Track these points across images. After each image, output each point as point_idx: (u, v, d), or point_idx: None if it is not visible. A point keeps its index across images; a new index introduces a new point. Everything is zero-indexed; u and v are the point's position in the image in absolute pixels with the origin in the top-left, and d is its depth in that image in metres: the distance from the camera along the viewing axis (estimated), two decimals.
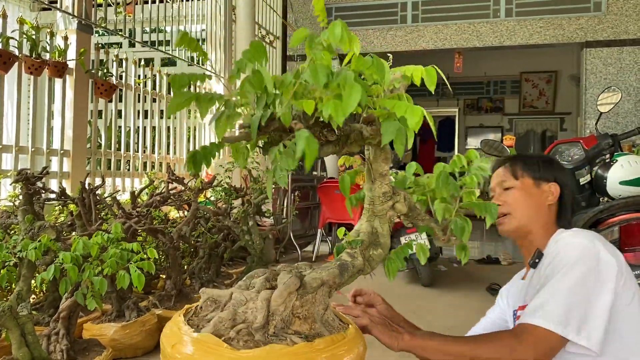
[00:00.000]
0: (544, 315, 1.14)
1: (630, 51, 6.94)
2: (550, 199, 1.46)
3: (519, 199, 1.46)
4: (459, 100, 12.22)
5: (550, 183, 1.47)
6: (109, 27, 4.69)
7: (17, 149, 3.62)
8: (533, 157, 1.53)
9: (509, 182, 1.49)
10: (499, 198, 1.50)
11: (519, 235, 1.48)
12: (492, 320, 1.66)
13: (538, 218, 1.45)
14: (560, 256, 1.25)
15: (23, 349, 1.65)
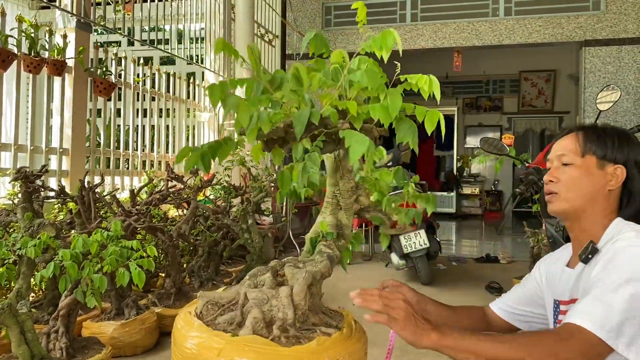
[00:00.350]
0: (596, 320, 1.06)
1: (629, 50, 6.95)
2: (611, 184, 1.29)
3: (575, 179, 1.30)
4: (458, 99, 12.22)
5: (617, 165, 1.29)
6: (108, 25, 4.68)
7: (15, 148, 3.61)
8: (608, 131, 1.33)
9: (569, 158, 1.32)
10: (553, 173, 1.34)
11: (567, 218, 1.34)
12: (527, 291, 1.52)
13: (593, 204, 1.29)
14: (619, 263, 1.13)
15: (23, 347, 1.65)
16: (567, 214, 1.33)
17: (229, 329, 1.00)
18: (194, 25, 6.17)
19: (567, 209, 1.31)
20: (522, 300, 1.51)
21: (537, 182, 2.82)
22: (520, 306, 1.51)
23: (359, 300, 1.12)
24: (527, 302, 1.50)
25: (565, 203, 1.31)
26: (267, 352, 0.96)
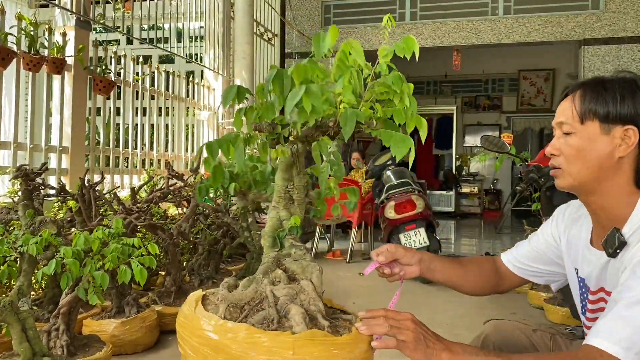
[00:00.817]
0: (621, 342, 0.96)
1: (628, 49, 6.96)
2: (621, 150, 1.10)
3: (576, 150, 1.13)
4: (457, 98, 12.23)
5: (627, 126, 1.09)
6: (108, 23, 4.68)
7: (15, 146, 3.61)
8: (608, 84, 1.13)
9: (568, 126, 1.15)
10: (555, 144, 1.18)
11: (579, 193, 1.19)
12: (541, 250, 1.38)
13: (603, 176, 1.12)
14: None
15: (24, 344, 1.65)
16: (576, 189, 1.18)
17: (270, 328, 0.98)
18: (193, 23, 6.17)
19: (574, 184, 1.16)
20: (536, 259, 1.39)
21: (537, 180, 2.82)
22: (535, 264, 1.39)
23: (364, 329, 1.03)
24: (542, 261, 1.38)
25: (570, 178, 1.15)
26: (335, 343, 0.98)
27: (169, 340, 2.84)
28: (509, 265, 1.43)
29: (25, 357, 1.66)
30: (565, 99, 1.19)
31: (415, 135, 1.14)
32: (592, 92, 1.13)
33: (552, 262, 1.36)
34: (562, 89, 1.24)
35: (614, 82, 1.13)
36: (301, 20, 8.17)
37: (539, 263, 1.38)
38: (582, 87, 1.16)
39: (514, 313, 3.52)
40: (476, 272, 1.43)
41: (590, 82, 1.17)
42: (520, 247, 1.44)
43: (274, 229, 1.21)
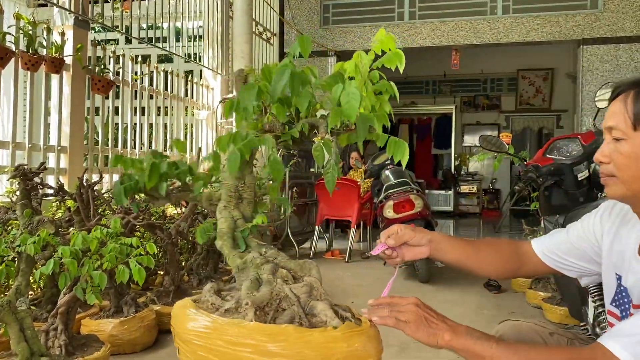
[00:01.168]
0: (631, 350, 0.94)
1: (626, 48, 6.96)
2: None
3: (629, 158, 1.05)
4: (456, 97, 12.23)
5: None
6: (106, 23, 4.67)
7: (13, 145, 3.60)
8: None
9: (620, 132, 1.07)
10: (604, 150, 1.11)
11: (632, 203, 1.13)
12: (580, 246, 1.31)
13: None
14: None
15: (22, 344, 1.65)
16: (629, 200, 1.11)
17: (304, 326, 1.00)
18: (192, 23, 6.17)
19: (627, 194, 1.09)
20: (572, 253, 1.31)
21: (536, 179, 2.82)
22: (571, 258, 1.32)
23: (373, 318, 1.06)
24: (578, 256, 1.31)
25: (622, 187, 1.08)
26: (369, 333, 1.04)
27: (168, 339, 2.84)
28: (539, 253, 1.36)
29: (24, 356, 1.66)
30: (616, 100, 1.10)
31: (413, 134, 1.13)
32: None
33: (589, 258, 1.30)
34: (614, 88, 1.14)
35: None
36: (300, 19, 8.17)
37: (573, 257, 1.32)
38: (636, 87, 1.08)
39: (513, 312, 3.52)
40: (492, 254, 1.37)
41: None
42: (556, 237, 1.36)
43: (230, 229, 1.17)
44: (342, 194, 5.55)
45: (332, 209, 5.76)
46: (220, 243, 1.15)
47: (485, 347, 1.01)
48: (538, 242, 1.37)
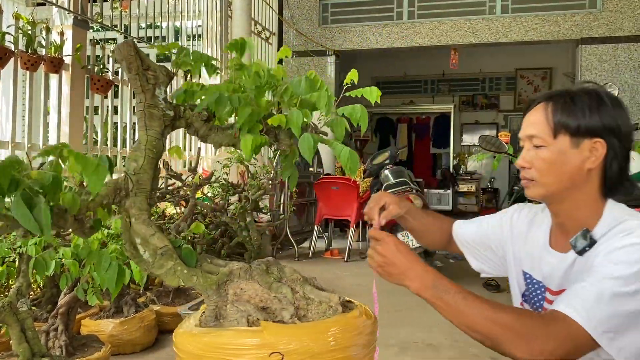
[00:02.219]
0: (584, 311, 1.01)
1: (625, 48, 6.97)
2: (590, 162, 1.14)
3: (548, 163, 1.16)
4: (455, 96, 12.23)
5: (595, 139, 1.13)
6: (105, 22, 4.67)
7: (13, 145, 3.60)
8: (577, 97, 1.16)
9: (540, 139, 1.17)
10: (525, 157, 1.20)
11: (549, 202, 1.23)
12: (489, 234, 1.43)
13: (573, 187, 1.16)
14: (619, 258, 1.05)
15: (23, 345, 1.65)
16: (547, 199, 1.22)
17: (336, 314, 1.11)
18: (191, 22, 6.16)
19: (546, 195, 1.20)
20: (482, 243, 1.44)
21: None
22: (481, 248, 1.45)
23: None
24: (485, 246, 1.44)
25: (542, 189, 1.19)
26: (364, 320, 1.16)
27: (167, 339, 2.84)
28: (455, 236, 1.50)
29: (24, 357, 1.66)
30: (535, 110, 1.21)
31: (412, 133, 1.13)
32: (563, 105, 1.16)
33: (494, 253, 1.42)
34: (530, 102, 1.25)
35: (581, 95, 1.17)
36: (299, 19, 8.17)
37: (483, 248, 1.44)
38: (552, 100, 1.18)
39: None
40: (437, 228, 1.53)
41: (559, 95, 1.19)
42: (471, 225, 1.49)
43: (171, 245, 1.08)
44: (341, 194, 5.56)
45: (331, 209, 5.77)
46: (170, 264, 1.03)
47: (449, 302, 1.07)
48: (459, 226, 1.50)
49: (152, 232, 1.02)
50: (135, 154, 1.02)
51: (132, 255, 1.02)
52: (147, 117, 1.01)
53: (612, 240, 1.09)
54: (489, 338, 1.04)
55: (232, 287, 1.07)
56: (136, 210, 1.01)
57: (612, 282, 1.02)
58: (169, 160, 5.40)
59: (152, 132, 1.02)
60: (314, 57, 7.95)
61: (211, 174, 3.67)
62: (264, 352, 0.98)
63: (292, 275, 1.15)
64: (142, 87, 1.02)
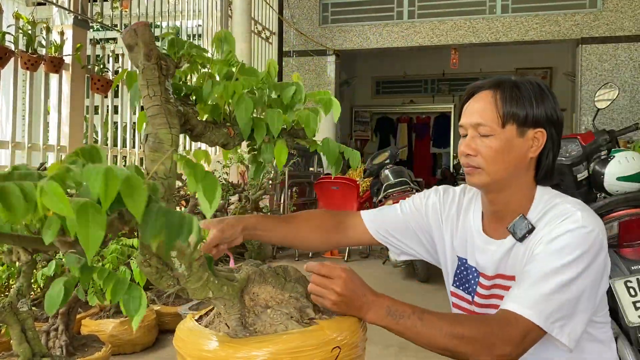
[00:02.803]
0: (534, 307, 1.04)
1: (625, 47, 6.97)
2: (532, 151, 1.18)
3: (497, 152, 1.16)
4: (455, 96, 12.23)
5: (537, 129, 1.17)
6: (105, 22, 4.67)
7: (13, 145, 3.60)
8: (524, 88, 1.18)
9: (488, 129, 1.16)
10: (470, 144, 1.18)
11: (490, 190, 1.22)
12: (409, 224, 1.37)
13: (517, 174, 1.19)
14: (560, 246, 1.08)
15: (23, 345, 1.65)
16: (489, 187, 1.21)
17: None
18: (191, 22, 6.16)
19: (490, 183, 1.19)
20: (404, 233, 1.38)
21: None
22: (401, 237, 1.38)
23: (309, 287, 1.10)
24: (408, 236, 1.38)
25: (487, 177, 1.18)
26: None
27: (168, 339, 2.84)
28: (371, 229, 1.39)
29: (25, 357, 1.66)
30: (482, 97, 1.19)
31: (412, 133, 1.12)
32: (511, 95, 1.16)
33: (419, 241, 1.38)
34: (471, 88, 1.23)
35: (527, 86, 1.18)
36: (299, 18, 8.16)
37: (404, 237, 1.38)
38: (499, 89, 1.18)
39: None
40: (313, 228, 1.38)
41: (505, 83, 1.19)
42: (389, 214, 1.40)
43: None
44: (341, 193, 5.56)
45: (331, 208, 5.76)
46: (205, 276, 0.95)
47: (408, 325, 1.04)
48: (370, 217, 1.40)
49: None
50: (159, 155, 0.90)
51: (156, 272, 0.91)
52: (167, 112, 0.90)
53: (551, 227, 1.12)
54: (454, 352, 1.04)
55: (246, 292, 1.05)
56: None
57: (555, 273, 1.06)
58: None
59: (174, 130, 0.91)
60: (314, 57, 7.95)
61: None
62: (327, 348, 0.97)
63: (295, 274, 1.14)
64: (160, 79, 0.91)
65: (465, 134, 1.20)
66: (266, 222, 1.32)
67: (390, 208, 1.42)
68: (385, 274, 4.75)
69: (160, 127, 0.90)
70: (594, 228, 1.10)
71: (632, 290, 2.02)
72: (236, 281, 1.02)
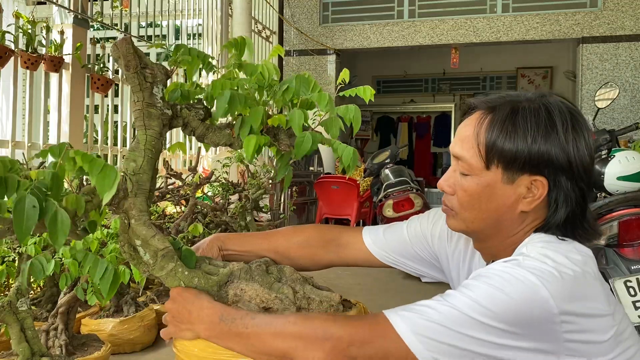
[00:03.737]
0: (417, 330, 0.80)
1: (626, 47, 6.96)
2: (525, 204, 0.90)
3: (472, 197, 0.93)
4: (455, 95, 12.22)
5: (534, 177, 0.89)
6: (105, 21, 4.66)
7: (13, 144, 3.60)
8: (524, 117, 0.89)
9: (466, 167, 0.93)
10: (448, 180, 0.99)
11: (470, 237, 1.03)
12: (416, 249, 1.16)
13: (499, 228, 0.94)
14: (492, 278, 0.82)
15: (23, 344, 1.64)
16: (469, 235, 1.01)
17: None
18: (192, 21, 6.16)
19: (466, 231, 0.99)
20: (409, 255, 1.18)
21: None
22: (407, 260, 1.19)
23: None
24: (415, 259, 1.18)
25: (462, 223, 0.97)
26: None
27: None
28: (373, 250, 1.19)
29: (24, 357, 1.66)
30: (468, 122, 0.95)
31: (413, 132, 1.12)
32: (503, 124, 0.90)
33: (428, 263, 1.20)
34: (465, 108, 1.00)
35: (527, 116, 0.89)
36: (299, 17, 8.16)
37: (409, 259, 1.19)
38: (492, 113, 0.92)
39: None
40: (295, 245, 1.19)
41: (502, 107, 0.92)
42: (392, 234, 1.19)
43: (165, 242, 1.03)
44: (342, 193, 5.56)
45: (332, 208, 5.77)
46: (171, 266, 0.99)
47: (239, 329, 0.88)
48: (371, 236, 1.20)
49: (153, 233, 0.99)
50: (134, 154, 1.00)
51: (130, 258, 1.01)
52: (146, 116, 1.00)
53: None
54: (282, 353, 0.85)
55: (232, 288, 1.06)
56: (136, 211, 0.98)
57: (465, 323, 0.80)
58: (168, 160, 5.40)
59: (151, 131, 1.00)
60: (314, 56, 7.94)
61: (211, 173, 3.66)
62: None
63: (292, 274, 1.15)
64: (140, 86, 1.00)
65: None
66: (240, 240, 1.18)
67: (396, 228, 1.20)
68: (385, 273, 4.75)
69: (138, 129, 1.02)
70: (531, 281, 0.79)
71: (632, 290, 2.02)
72: (216, 275, 1.05)
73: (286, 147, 1.07)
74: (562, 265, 0.82)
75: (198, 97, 1.07)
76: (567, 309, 0.79)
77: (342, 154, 1.04)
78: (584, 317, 0.81)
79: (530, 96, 0.93)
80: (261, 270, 1.11)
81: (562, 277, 0.80)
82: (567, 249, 0.87)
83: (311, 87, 1.03)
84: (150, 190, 1.01)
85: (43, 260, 1.18)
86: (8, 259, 1.72)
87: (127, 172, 0.97)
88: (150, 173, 1.00)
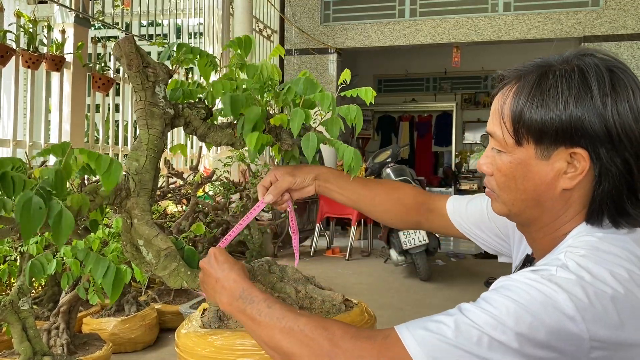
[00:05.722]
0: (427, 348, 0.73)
1: (628, 46, 6.95)
2: (566, 181, 0.80)
3: (507, 177, 0.85)
4: (457, 94, 12.21)
5: (572, 149, 0.78)
6: (106, 20, 4.66)
7: (14, 143, 3.60)
8: (555, 78, 0.78)
9: (499, 142, 0.85)
10: (486, 158, 0.89)
11: (515, 222, 0.94)
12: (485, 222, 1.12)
13: (541, 209, 0.84)
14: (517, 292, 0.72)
15: (24, 344, 1.65)
16: (511, 219, 0.92)
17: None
18: (193, 20, 6.16)
19: (508, 214, 0.90)
20: (484, 225, 1.12)
21: None
22: (480, 232, 1.14)
23: None
24: (490, 230, 1.12)
25: (503, 206, 0.89)
26: None
27: (169, 338, 2.84)
28: (452, 217, 1.17)
29: (26, 356, 1.66)
30: (499, 96, 0.87)
31: (414, 131, 1.12)
32: (530, 91, 0.81)
33: (501, 235, 1.12)
34: (495, 82, 0.91)
35: (557, 80, 0.78)
36: (301, 16, 8.15)
37: (484, 231, 1.13)
38: (520, 81, 0.83)
39: None
40: (391, 201, 1.18)
41: (529, 77, 0.82)
42: (473, 203, 1.15)
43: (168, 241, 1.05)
44: None
45: (333, 207, 5.76)
46: (174, 266, 1.00)
47: (254, 312, 0.85)
48: (454, 204, 1.17)
49: (155, 233, 0.99)
50: (136, 153, 1.00)
51: (132, 257, 1.01)
52: (148, 115, 1.00)
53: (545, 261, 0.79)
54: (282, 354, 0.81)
55: None
56: (139, 211, 0.98)
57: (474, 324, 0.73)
58: (170, 159, 5.40)
59: (153, 130, 1.00)
60: (315, 55, 7.93)
61: (212, 172, 3.67)
62: None
63: (294, 274, 1.15)
64: (143, 85, 0.99)
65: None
66: (341, 179, 1.14)
67: (481, 200, 1.14)
68: (386, 273, 4.75)
69: (140, 128, 1.01)
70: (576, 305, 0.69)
71: None
72: None
73: (288, 146, 1.07)
74: (601, 282, 0.71)
75: (199, 96, 1.06)
76: (600, 335, 0.70)
77: (342, 155, 1.04)
78: (618, 346, 0.71)
79: (567, 56, 0.82)
80: (263, 269, 1.11)
81: (597, 297, 0.70)
82: (617, 255, 0.75)
83: (318, 89, 1.03)
84: (153, 190, 1.01)
85: (43, 260, 1.18)
86: (10, 259, 1.72)
87: (129, 172, 0.97)
88: (153, 172, 1.00)
